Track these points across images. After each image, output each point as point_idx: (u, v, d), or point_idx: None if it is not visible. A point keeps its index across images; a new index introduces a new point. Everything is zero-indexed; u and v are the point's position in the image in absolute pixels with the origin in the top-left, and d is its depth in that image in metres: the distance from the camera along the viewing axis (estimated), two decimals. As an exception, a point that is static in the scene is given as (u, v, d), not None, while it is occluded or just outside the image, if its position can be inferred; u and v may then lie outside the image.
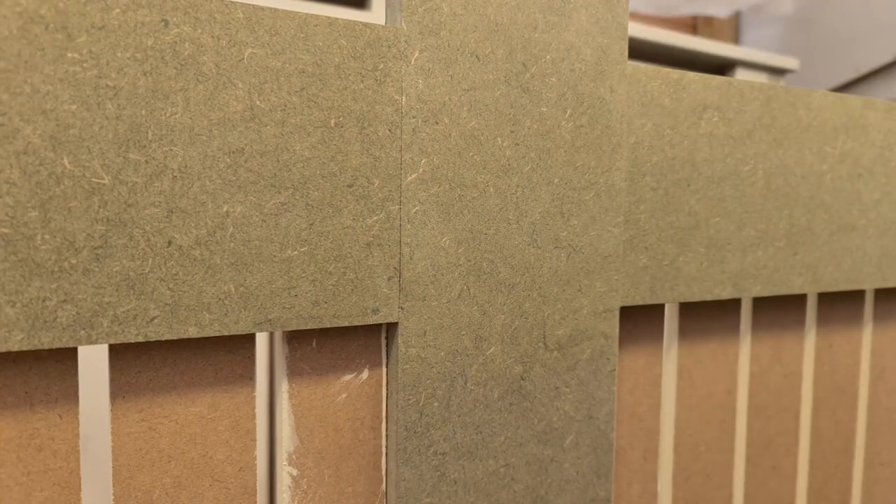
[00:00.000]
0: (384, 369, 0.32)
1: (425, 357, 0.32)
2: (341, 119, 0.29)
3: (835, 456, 0.51)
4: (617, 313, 0.37)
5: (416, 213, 0.31)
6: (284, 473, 0.30)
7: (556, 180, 0.34)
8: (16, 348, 0.23)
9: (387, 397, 0.32)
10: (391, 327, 0.32)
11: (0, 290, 0.23)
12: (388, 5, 0.31)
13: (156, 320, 0.26)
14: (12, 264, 0.23)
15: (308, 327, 0.29)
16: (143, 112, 0.25)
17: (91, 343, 0.25)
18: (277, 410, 0.30)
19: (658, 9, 1.50)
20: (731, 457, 0.46)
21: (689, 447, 0.44)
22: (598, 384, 0.36)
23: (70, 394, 0.26)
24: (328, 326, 0.29)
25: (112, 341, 0.25)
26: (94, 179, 0.24)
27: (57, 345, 0.24)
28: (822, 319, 0.49)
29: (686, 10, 1.53)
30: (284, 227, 0.28)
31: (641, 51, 1.28)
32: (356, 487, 0.32)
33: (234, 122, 0.27)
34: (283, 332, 0.30)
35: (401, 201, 0.30)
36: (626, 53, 0.36)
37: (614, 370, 0.37)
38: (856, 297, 0.50)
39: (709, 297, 0.40)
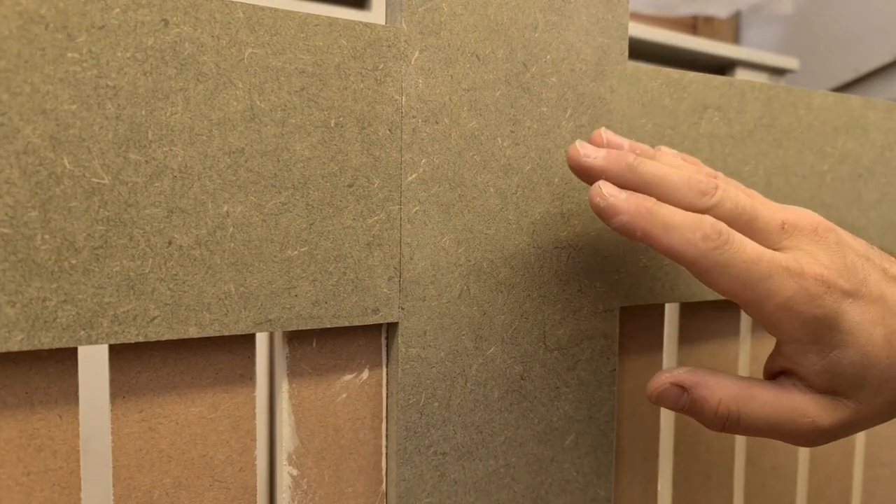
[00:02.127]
0: (384, 369, 0.32)
1: (425, 357, 0.32)
2: (341, 119, 0.29)
3: (835, 456, 0.51)
4: (617, 313, 0.37)
5: (416, 213, 0.31)
6: (284, 473, 0.30)
7: (556, 180, 0.34)
8: (16, 348, 0.23)
9: (387, 397, 0.32)
10: (391, 327, 0.32)
11: (0, 290, 0.23)
12: (388, 5, 0.31)
13: (156, 320, 0.26)
14: (12, 264, 0.23)
15: (308, 327, 0.29)
16: (143, 112, 0.25)
17: (91, 343, 0.25)
18: (277, 410, 0.30)
19: (658, 9, 1.50)
20: (732, 457, 0.46)
21: (690, 447, 0.44)
22: (599, 384, 0.36)
23: (70, 394, 0.26)
24: (328, 326, 0.29)
25: (112, 341, 0.25)
26: (94, 179, 0.24)
27: (57, 345, 0.24)
28: (823, 319, 0.49)
29: (686, 10, 1.53)
30: (284, 227, 0.28)
31: (642, 51, 1.28)
32: (356, 487, 0.32)
33: (234, 122, 0.27)
34: (284, 332, 0.30)
35: (401, 201, 0.30)
36: (627, 53, 0.36)
37: (614, 370, 0.37)
38: (856, 297, 0.50)
39: (709, 298, 0.40)
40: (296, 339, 0.30)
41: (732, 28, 1.71)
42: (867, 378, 0.28)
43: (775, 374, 0.31)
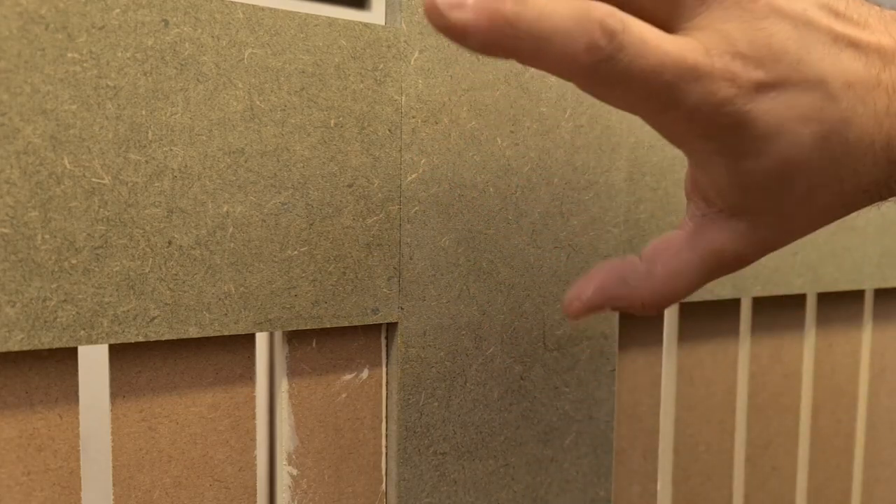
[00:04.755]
0: (384, 369, 0.32)
1: (425, 357, 0.32)
2: (341, 119, 0.29)
3: (835, 456, 0.51)
4: (617, 313, 0.37)
5: (415, 213, 0.31)
6: (284, 473, 0.30)
7: (555, 180, 0.34)
8: (16, 348, 0.23)
9: (387, 397, 0.32)
10: (391, 327, 0.32)
11: (0, 290, 0.23)
12: (387, 5, 0.31)
13: (156, 320, 0.26)
14: (12, 264, 0.23)
15: (308, 327, 0.29)
16: (144, 112, 0.25)
17: (91, 343, 0.25)
18: (277, 410, 0.30)
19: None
20: (731, 457, 0.46)
21: (689, 447, 0.44)
22: (598, 384, 0.36)
23: (70, 394, 0.26)
24: (328, 326, 0.29)
25: (112, 341, 0.25)
26: (94, 179, 0.24)
27: (57, 345, 0.24)
28: (822, 319, 0.49)
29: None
30: (284, 227, 0.28)
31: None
32: (356, 487, 0.32)
33: (234, 122, 0.27)
34: (283, 332, 0.30)
35: (400, 201, 0.30)
36: (626, 53, 0.36)
37: (614, 370, 0.37)
38: (856, 296, 0.50)
39: (708, 297, 0.40)
40: (296, 338, 0.30)
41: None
42: (789, 188, 0.23)
43: (689, 193, 0.26)
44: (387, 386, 0.32)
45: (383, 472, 0.32)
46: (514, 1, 0.19)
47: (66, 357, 0.25)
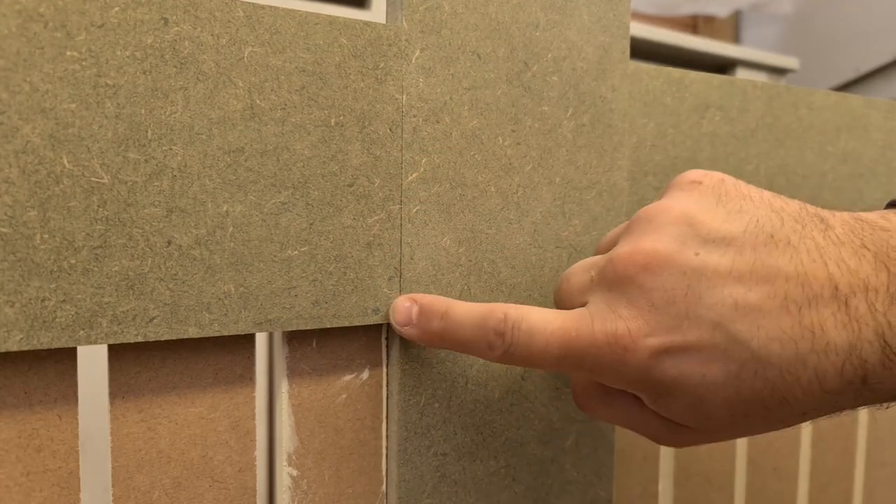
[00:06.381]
0: (385, 369, 0.32)
1: (426, 357, 0.31)
2: (342, 118, 0.29)
3: (836, 457, 0.51)
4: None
5: (416, 212, 0.31)
6: (284, 474, 0.30)
7: (557, 180, 0.34)
8: (15, 348, 0.23)
9: (387, 398, 0.32)
10: (392, 327, 0.31)
11: (-2, 289, 0.23)
12: (388, 4, 0.31)
13: (155, 320, 0.26)
14: (11, 264, 0.23)
15: (308, 327, 0.29)
16: (143, 111, 0.25)
17: (90, 343, 0.25)
18: (277, 411, 0.30)
19: (658, 8, 1.50)
20: (733, 458, 0.46)
21: (690, 448, 0.44)
22: (600, 384, 0.36)
23: (69, 394, 0.25)
24: (328, 326, 0.29)
25: (111, 341, 0.25)
26: (93, 179, 0.24)
27: (56, 345, 0.24)
28: (824, 319, 0.48)
29: (686, 9, 1.53)
30: (284, 227, 0.28)
31: (642, 50, 1.28)
32: (356, 488, 0.31)
33: (234, 121, 0.27)
34: (283, 332, 0.29)
35: (401, 201, 0.30)
36: (628, 52, 0.36)
37: (615, 370, 0.37)
38: (857, 297, 0.49)
39: (710, 298, 0.40)
40: (295, 339, 0.30)
41: (732, 27, 1.71)
42: (709, 416, 0.24)
43: None
44: (387, 386, 0.32)
45: (384, 472, 0.32)
46: (439, 320, 0.28)
47: (66, 357, 0.25)
